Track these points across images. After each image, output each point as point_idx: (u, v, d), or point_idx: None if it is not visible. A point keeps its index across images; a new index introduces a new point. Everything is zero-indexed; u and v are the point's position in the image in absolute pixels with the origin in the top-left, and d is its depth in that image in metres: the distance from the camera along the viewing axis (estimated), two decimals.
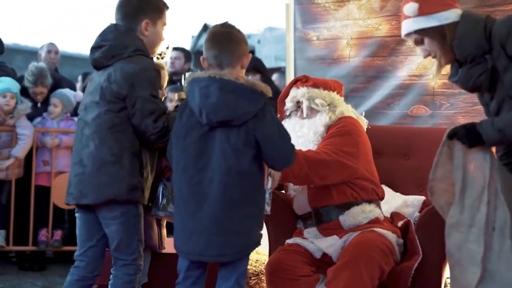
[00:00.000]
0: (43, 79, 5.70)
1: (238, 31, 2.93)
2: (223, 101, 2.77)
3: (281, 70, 7.96)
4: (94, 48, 3.17)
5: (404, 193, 3.69)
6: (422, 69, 4.54)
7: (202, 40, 11.45)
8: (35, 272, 5.49)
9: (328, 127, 3.43)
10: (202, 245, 2.79)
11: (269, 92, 2.83)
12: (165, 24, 3.24)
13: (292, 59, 5.13)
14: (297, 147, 3.36)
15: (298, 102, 3.52)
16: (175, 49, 7.01)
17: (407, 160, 3.82)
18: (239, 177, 2.79)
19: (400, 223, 3.41)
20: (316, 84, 3.51)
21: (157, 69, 3.12)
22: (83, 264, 3.14)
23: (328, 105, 3.47)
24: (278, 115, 3.62)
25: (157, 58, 3.37)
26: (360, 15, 4.78)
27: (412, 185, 3.75)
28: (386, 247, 3.18)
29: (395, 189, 3.73)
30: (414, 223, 3.38)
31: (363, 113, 3.76)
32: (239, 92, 2.78)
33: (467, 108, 4.38)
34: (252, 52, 10.96)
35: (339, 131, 3.38)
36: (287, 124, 3.50)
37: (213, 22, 10.48)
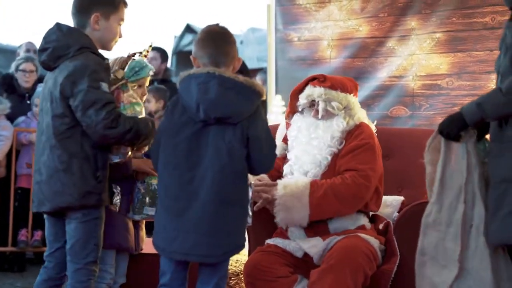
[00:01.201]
0: (33, 59, 5.72)
1: (231, 33, 2.93)
2: (223, 97, 2.74)
3: (263, 71, 7.97)
4: (40, 51, 3.12)
5: (384, 193, 3.69)
6: (402, 70, 4.57)
7: (185, 40, 11.42)
8: (15, 273, 5.46)
9: (346, 133, 3.41)
10: (189, 244, 2.74)
11: (264, 93, 2.83)
12: (121, 20, 3.17)
13: (273, 60, 5.14)
14: (310, 148, 3.39)
15: (313, 100, 3.48)
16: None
17: (386, 161, 3.83)
18: (232, 176, 2.77)
19: (381, 226, 3.42)
20: (334, 86, 3.44)
21: (100, 62, 3.04)
22: (51, 265, 3.14)
23: (344, 108, 3.44)
24: (288, 109, 3.62)
25: (139, 56, 3.37)
26: (341, 16, 4.80)
27: (392, 186, 3.77)
28: (370, 252, 3.19)
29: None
30: (393, 223, 3.40)
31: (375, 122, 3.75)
32: (238, 89, 2.77)
33: (446, 109, 4.41)
34: None
35: (362, 147, 3.36)
36: (299, 119, 3.49)
37: (195, 22, 10.45)
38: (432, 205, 2.83)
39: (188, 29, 11.41)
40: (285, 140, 3.60)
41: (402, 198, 3.63)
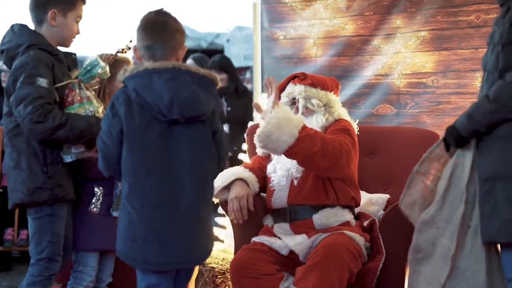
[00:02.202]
0: None
1: (174, 19, 2.71)
2: (196, 95, 2.61)
3: (249, 69, 7.98)
4: (0, 53, 3.16)
5: (369, 191, 3.72)
6: (388, 69, 4.58)
7: None
8: (1, 272, 5.45)
9: (325, 128, 3.43)
10: (181, 252, 2.62)
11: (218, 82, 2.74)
12: (79, 17, 3.18)
13: (259, 58, 5.12)
14: None
15: (294, 98, 3.51)
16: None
17: (372, 159, 3.85)
18: (208, 175, 2.72)
19: (366, 223, 3.44)
20: (314, 83, 3.48)
21: (40, 58, 3.02)
22: None
23: (324, 105, 3.47)
24: None
25: (119, 52, 3.36)
26: (327, 15, 4.80)
27: (377, 184, 3.78)
28: (355, 249, 3.20)
29: (360, 187, 3.75)
30: (378, 221, 3.41)
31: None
32: (204, 85, 2.66)
33: (431, 107, 4.42)
34: (221, 51, 10.95)
35: (343, 129, 3.38)
36: None
37: (182, 20, 10.41)
38: (434, 203, 2.82)
39: None
40: None
41: (387, 196, 3.64)
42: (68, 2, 3.13)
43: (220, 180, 3.43)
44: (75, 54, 3.27)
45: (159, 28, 2.69)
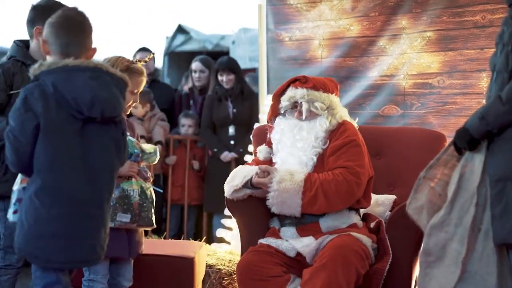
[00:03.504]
0: None
1: (89, 20, 2.73)
2: (115, 95, 2.65)
3: (255, 71, 7.96)
4: None
5: (376, 192, 3.71)
6: (393, 70, 4.58)
7: (176, 41, 11.41)
8: None
9: (330, 132, 3.42)
10: (86, 250, 2.62)
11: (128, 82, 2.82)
12: None
13: (264, 60, 5.13)
14: (295, 151, 3.40)
15: (295, 102, 3.48)
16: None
17: (378, 160, 3.84)
18: (115, 175, 2.75)
19: (372, 224, 3.43)
20: (316, 86, 3.45)
21: (1, 66, 3.28)
22: None
23: (327, 108, 3.45)
24: (270, 112, 3.61)
25: (138, 61, 3.35)
26: (332, 16, 4.80)
27: (384, 185, 3.77)
28: (362, 251, 3.19)
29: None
30: (385, 222, 3.40)
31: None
32: (120, 87, 2.70)
33: (437, 108, 4.42)
34: (227, 53, 10.95)
35: (349, 143, 3.37)
36: (281, 122, 3.49)
37: (187, 23, 10.42)
38: (443, 208, 2.79)
39: (180, 29, 11.37)
40: (268, 143, 3.60)
41: (394, 197, 3.63)
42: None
43: (237, 178, 3.43)
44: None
45: (77, 28, 2.69)
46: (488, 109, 2.64)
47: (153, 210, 3.33)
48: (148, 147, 3.39)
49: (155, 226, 3.37)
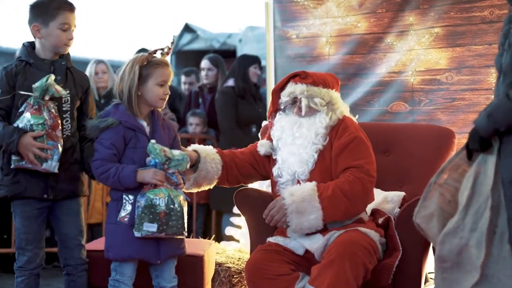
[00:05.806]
0: None
1: None
2: None
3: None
4: None
5: (384, 189, 3.70)
6: (401, 66, 4.56)
7: (183, 40, 11.41)
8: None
9: (330, 128, 3.40)
10: None
11: None
12: (64, 24, 3.33)
13: (272, 58, 5.13)
14: (295, 148, 3.38)
15: (295, 98, 3.46)
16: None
17: (387, 157, 3.84)
18: None
19: (380, 220, 3.43)
20: (316, 82, 3.42)
21: (5, 68, 3.30)
22: None
23: (327, 103, 3.43)
24: (270, 108, 3.60)
25: (161, 54, 3.31)
26: (339, 13, 4.80)
27: (392, 181, 3.77)
28: (370, 246, 3.19)
29: (376, 185, 3.75)
30: (394, 219, 3.39)
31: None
32: None
33: (446, 104, 4.41)
34: (234, 51, 10.95)
35: (354, 139, 3.35)
36: (281, 118, 3.48)
37: (194, 21, 10.46)
38: (457, 214, 2.73)
39: (187, 28, 11.39)
40: (269, 139, 3.58)
41: (403, 193, 3.62)
42: (46, 14, 3.32)
43: None
44: (64, 61, 3.41)
45: None
46: (497, 107, 2.62)
47: (184, 219, 3.22)
48: (177, 153, 3.24)
49: (185, 235, 3.27)
